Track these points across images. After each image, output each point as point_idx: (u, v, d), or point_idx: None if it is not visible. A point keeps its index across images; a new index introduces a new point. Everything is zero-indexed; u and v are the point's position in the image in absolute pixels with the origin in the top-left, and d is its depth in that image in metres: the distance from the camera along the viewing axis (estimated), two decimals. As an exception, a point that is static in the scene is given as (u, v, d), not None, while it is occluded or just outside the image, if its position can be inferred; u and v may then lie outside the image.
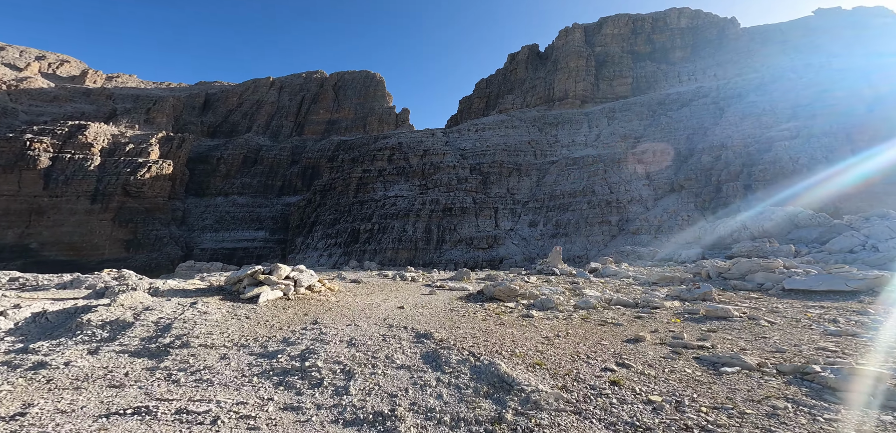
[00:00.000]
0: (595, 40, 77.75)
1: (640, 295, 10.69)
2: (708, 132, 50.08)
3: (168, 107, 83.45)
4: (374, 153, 61.69)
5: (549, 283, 13.36)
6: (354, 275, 19.49)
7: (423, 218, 49.97)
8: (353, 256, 49.48)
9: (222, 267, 28.10)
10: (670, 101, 59.83)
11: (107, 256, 73.22)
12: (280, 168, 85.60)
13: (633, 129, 56.90)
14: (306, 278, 9.93)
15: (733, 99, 54.57)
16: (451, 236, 47.87)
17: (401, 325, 7.28)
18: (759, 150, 43.97)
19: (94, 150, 79.41)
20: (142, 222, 76.15)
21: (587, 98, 68.14)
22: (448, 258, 45.33)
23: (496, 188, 54.04)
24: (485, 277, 17.31)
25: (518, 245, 46.37)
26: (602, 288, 12.77)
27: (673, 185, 46.09)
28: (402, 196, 54.87)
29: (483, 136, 63.43)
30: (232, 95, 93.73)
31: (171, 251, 74.51)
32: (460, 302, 10.05)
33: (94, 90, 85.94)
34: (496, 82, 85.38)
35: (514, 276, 16.61)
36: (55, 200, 74.14)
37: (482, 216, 49.77)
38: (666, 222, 41.80)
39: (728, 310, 7.92)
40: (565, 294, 11.08)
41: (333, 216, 57.23)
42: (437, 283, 14.11)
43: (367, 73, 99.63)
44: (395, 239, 48.30)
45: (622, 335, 6.77)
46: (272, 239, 79.11)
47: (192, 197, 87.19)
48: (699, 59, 70.25)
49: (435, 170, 56.27)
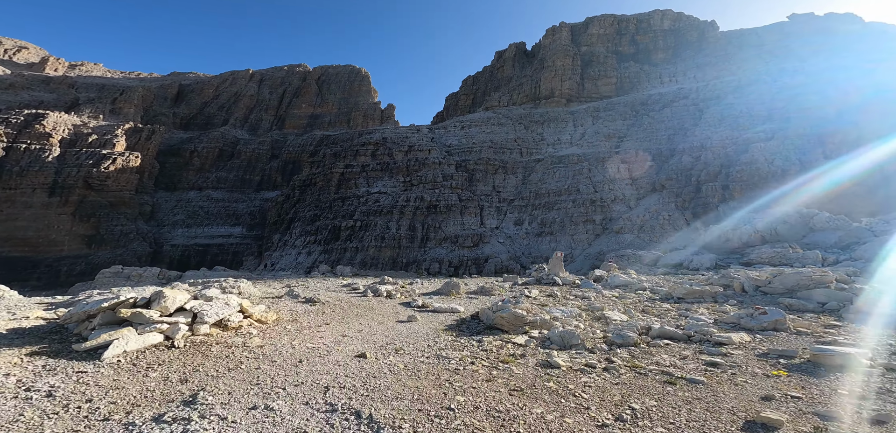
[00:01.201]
0: (581, 40, 78.03)
1: (678, 317, 8.96)
2: (688, 133, 50.88)
3: (137, 97, 78.40)
4: (357, 148, 59.82)
5: (556, 299, 11.85)
6: (316, 286, 16.44)
7: (408, 215, 48.69)
8: (333, 254, 47.70)
9: (177, 276, 21.83)
10: (652, 101, 60.59)
11: (66, 252, 68.36)
12: (259, 162, 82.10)
13: (616, 128, 57.28)
14: (216, 309, 6.93)
15: (712, 101, 55.68)
16: (435, 234, 46.84)
17: (351, 409, 4.38)
18: (737, 152, 44.91)
19: (53, 141, 73.86)
20: (105, 217, 71.39)
21: (573, 97, 68.29)
22: (432, 257, 44.30)
23: (482, 186, 53.32)
24: (477, 290, 15.13)
25: (504, 243, 45.84)
26: (623, 305, 11.08)
27: (655, 184, 46.57)
28: (385, 192, 53.36)
29: (469, 132, 62.54)
30: (208, 87, 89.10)
31: (137, 247, 70.23)
32: (450, 336, 7.79)
33: (54, 78, 79.78)
34: (483, 79, 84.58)
35: (510, 287, 15.52)
36: (8, 193, 68.51)
37: (467, 214, 48.95)
38: (648, 222, 42.12)
39: (847, 357, 5.60)
40: (583, 318, 9.23)
41: (313, 212, 55.12)
42: (418, 302, 11.73)
43: (352, 67, 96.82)
44: (377, 237, 46.85)
45: (718, 409, 4.56)
46: (249, 235, 75.82)
47: (163, 191, 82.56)
48: (680, 61, 71.55)
49: (420, 166, 55.01)
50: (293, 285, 17.01)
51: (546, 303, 11.16)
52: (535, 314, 8.80)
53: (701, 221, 40.43)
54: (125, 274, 22.85)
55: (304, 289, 15.23)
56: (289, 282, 19.35)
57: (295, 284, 17.60)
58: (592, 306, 10.85)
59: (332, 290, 14.90)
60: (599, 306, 10.79)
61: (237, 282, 13.46)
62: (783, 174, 40.27)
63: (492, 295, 13.77)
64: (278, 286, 16.53)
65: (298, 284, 17.56)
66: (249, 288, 12.64)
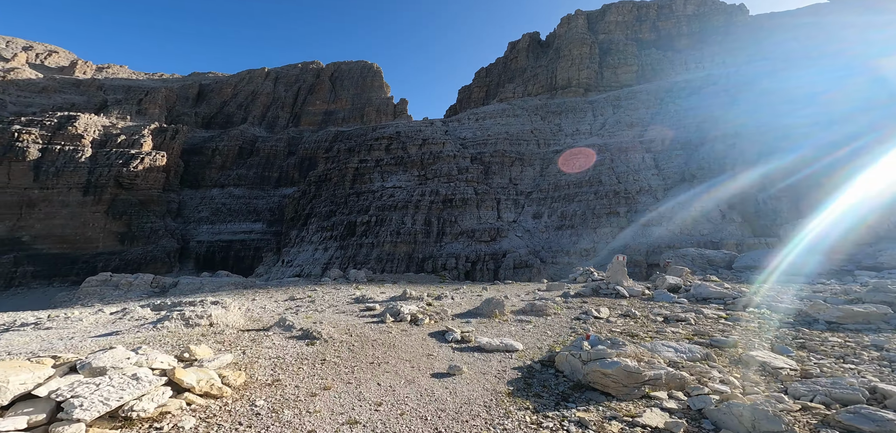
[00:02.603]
0: (598, 27, 73.20)
1: (881, 362, 5.78)
2: (719, 120, 46.14)
3: (160, 98, 78.55)
4: (371, 142, 57.51)
5: (641, 322, 8.74)
6: (323, 301, 13.19)
7: (423, 209, 46.09)
8: (349, 250, 45.67)
9: (173, 284, 18.72)
10: (678, 88, 55.75)
11: (101, 249, 69.25)
12: (276, 159, 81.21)
13: (639, 117, 52.87)
14: (108, 391, 4.03)
15: (745, 86, 50.53)
16: (451, 229, 44.09)
17: None
18: (776, 138, 40.14)
19: (85, 142, 74.82)
20: (136, 215, 71.97)
21: (591, 86, 63.93)
22: (449, 252, 41.60)
23: (498, 178, 50.13)
24: (526, 309, 11.31)
25: (522, 237, 42.69)
26: (764, 337, 7.59)
27: (684, 174, 42.31)
28: (400, 187, 50.89)
29: (484, 125, 59.28)
30: (226, 86, 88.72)
31: (166, 244, 70.54)
32: (524, 409, 4.80)
33: (84, 81, 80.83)
34: (496, 71, 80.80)
35: (564, 300, 11.69)
36: (46, 192, 69.78)
37: (484, 207, 45.95)
38: (678, 213, 38.14)
39: None
40: (717, 362, 6.15)
41: (329, 208, 53.26)
42: (455, 332, 8.28)
43: (364, 63, 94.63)
44: (393, 232, 44.48)
45: None
46: (269, 231, 75.15)
47: (188, 189, 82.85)
48: (706, 46, 65.94)
49: (434, 159, 52.24)
50: (296, 299, 14.48)
51: (637, 333, 8.02)
52: (648, 360, 5.65)
53: (738, 213, 36.20)
54: (113, 282, 19.50)
55: (306, 309, 12.12)
56: (294, 292, 16.96)
57: (299, 297, 15.06)
58: (710, 337, 7.52)
59: (342, 310, 11.80)
60: (722, 337, 7.43)
61: (214, 305, 10.47)
62: (832, 162, 35.50)
63: (546, 314, 10.76)
64: (279, 300, 14.10)
65: (303, 298, 14.93)
66: (228, 317, 9.59)
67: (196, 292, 17.10)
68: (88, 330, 9.47)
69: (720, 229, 35.56)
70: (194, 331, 8.42)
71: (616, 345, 6.02)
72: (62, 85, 78.39)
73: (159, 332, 8.37)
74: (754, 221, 35.81)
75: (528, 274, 36.90)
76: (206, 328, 8.73)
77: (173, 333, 8.24)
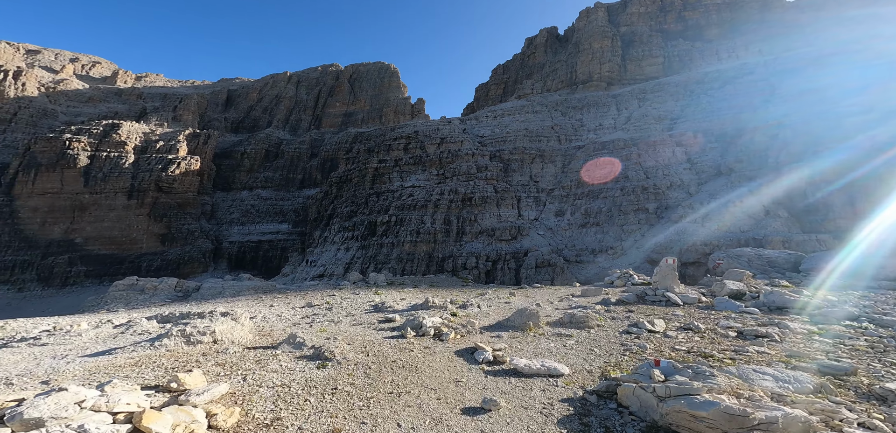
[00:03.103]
0: (620, 19, 69.92)
1: None
2: (759, 110, 42.57)
3: (193, 104, 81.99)
4: (390, 142, 57.29)
5: (709, 339, 7.23)
6: (339, 310, 12.29)
7: (442, 208, 45.26)
8: (369, 250, 45.52)
9: (196, 288, 18.70)
10: (710, 79, 52.12)
11: (144, 250, 72.79)
12: (300, 161, 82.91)
13: (668, 109, 49.77)
14: None
15: (786, 75, 46.47)
16: (471, 227, 42.99)
17: None
18: (826, 128, 36.44)
19: (128, 148, 79.07)
20: (175, 217, 75.30)
21: (613, 80, 61.02)
22: (469, 251, 40.53)
23: (518, 176, 48.55)
24: (564, 320, 9.81)
25: (544, 236, 40.99)
26: (886, 363, 5.94)
27: (720, 167, 39.22)
28: (419, 186, 50.29)
29: (502, 122, 57.77)
30: (252, 91, 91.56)
31: (202, 244, 73.38)
32: None
33: (125, 90, 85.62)
34: (513, 67, 78.90)
35: (604, 308, 10.18)
36: (95, 197, 74.15)
37: (504, 205, 44.55)
38: (715, 209, 35.30)
39: None
40: (840, 398, 4.71)
41: (350, 208, 53.45)
42: (486, 351, 7.13)
43: (382, 64, 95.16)
44: (412, 232, 43.90)
45: None
46: (295, 231, 76.76)
47: (220, 191, 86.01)
48: (739, 35, 61.46)
49: (453, 158, 51.30)
50: (314, 305, 13.70)
51: (710, 354, 6.42)
52: (749, 395, 4.30)
53: (784, 208, 33.02)
54: (139, 286, 19.44)
55: (322, 319, 11.09)
56: (312, 297, 16.34)
57: (317, 303, 14.28)
58: (813, 359, 5.89)
59: (359, 320, 10.77)
60: (832, 362, 5.85)
61: (224, 317, 9.53)
62: (893, 157, 31.70)
63: (588, 326, 9.33)
64: (296, 306, 13.42)
65: (320, 304, 14.18)
66: (235, 332, 8.45)
67: (216, 297, 16.87)
68: (85, 346, 8.72)
69: (763, 226, 32.57)
70: (195, 349, 7.56)
71: (701, 376, 4.60)
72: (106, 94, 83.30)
73: (156, 352, 7.52)
74: (803, 218, 32.56)
75: (550, 273, 35.24)
76: (209, 346, 7.78)
77: (171, 353, 7.37)
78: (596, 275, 34.18)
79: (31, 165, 71.29)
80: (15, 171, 68.24)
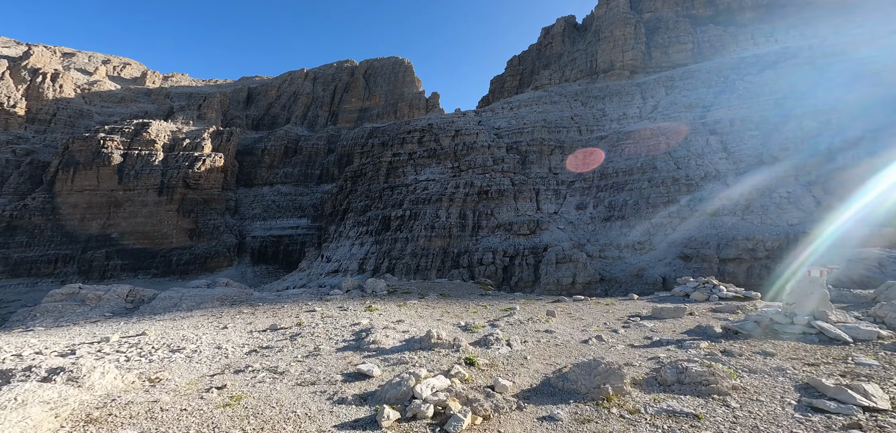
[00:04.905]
0: (643, 6, 65.08)
1: None
2: (806, 95, 37.84)
3: (216, 103, 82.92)
4: (404, 136, 55.35)
5: None
6: (287, 357, 7.93)
7: (457, 202, 42.96)
8: (384, 245, 43.86)
9: (152, 297, 16.23)
10: (746, 64, 47.25)
11: (174, 244, 74.10)
12: (317, 157, 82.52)
13: (699, 97, 45.41)
14: None
15: (835, 58, 41.29)
16: (487, 221, 40.50)
17: None
18: (889, 112, 31.69)
19: (158, 146, 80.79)
20: (201, 212, 76.35)
21: (637, 68, 56.69)
22: (485, 246, 38.09)
23: (536, 168, 45.55)
24: (669, 379, 5.77)
25: (564, 230, 38.01)
26: None
27: (762, 157, 35.00)
28: (433, 180, 48.15)
29: (518, 113, 54.70)
30: (271, 89, 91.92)
31: (227, 239, 74.10)
32: None
33: (153, 90, 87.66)
34: (530, 58, 75.27)
35: (720, 352, 6.81)
36: (128, 194, 76.00)
37: (521, 199, 41.77)
38: (757, 200, 31.37)
39: None
40: None
41: (364, 203, 51.96)
42: None
43: (396, 59, 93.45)
44: (427, 226, 41.86)
45: None
46: (313, 226, 76.45)
47: (242, 187, 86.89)
48: (777, 18, 55.75)
49: (468, 151, 48.82)
50: (278, 329, 10.35)
51: None
52: None
53: (838, 199, 28.79)
54: (80, 296, 15.42)
55: (262, 369, 7.31)
56: (283, 315, 12.65)
57: (283, 327, 10.74)
58: None
59: (318, 370, 7.11)
60: None
61: (51, 380, 4.76)
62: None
63: (719, 391, 5.37)
64: (257, 328, 10.38)
65: (288, 327, 10.73)
66: (105, 381, 5.60)
67: (168, 311, 13.55)
68: None
69: (813, 217, 28.53)
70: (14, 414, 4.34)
71: None
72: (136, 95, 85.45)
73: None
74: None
75: (572, 269, 32.36)
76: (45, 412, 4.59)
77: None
78: (622, 272, 31.06)
79: (69, 164, 73.73)
80: (55, 169, 70.73)
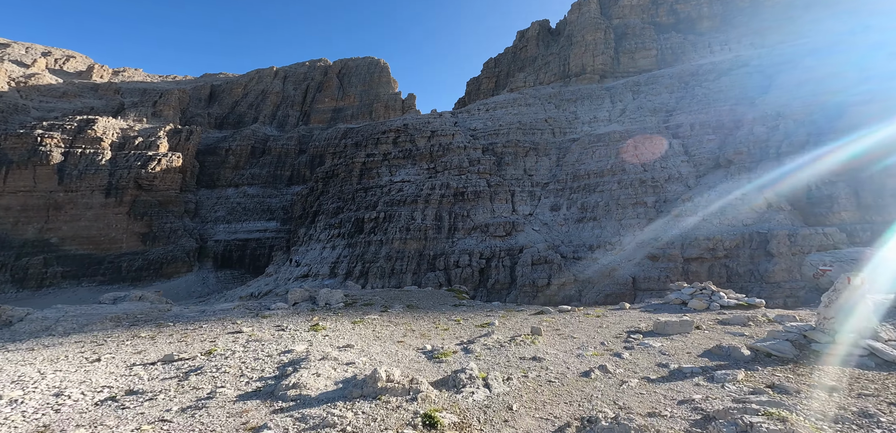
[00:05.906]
0: (612, 12, 67.31)
1: None
2: (756, 102, 40.37)
3: (174, 99, 76.66)
4: (378, 136, 53.65)
5: None
6: (185, 395, 5.33)
7: (433, 204, 42.03)
8: (357, 248, 42.07)
9: (25, 315, 11.47)
10: (704, 71, 49.87)
11: (125, 250, 67.84)
12: (288, 158, 78.52)
13: (663, 102, 47.36)
14: None
15: (783, 66, 44.43)
16: (463, 223, 39.89)
17: None
18: (828, 118, 34.35)
19: (105, 145, 73.46)
20: (156, 215, 70.29)
21: (607, 72, 58.43)
22: (462, 248, 37.45)
23: (512, 169, 45.58)
24: None
25: (539, 231, 38.17)
26: None
27: (719, 160, 36.89)
28: (408, 181, 46.91)
29: (495, 115, 54.65)
30: (237, 86, 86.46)
31: (185, 243, 68.66)
32: None
33: (101, 85, 79.67)
34: (505, 61, 75.79)
35: (704, 353, 6.06)
36: (70, 195, 68.62)
37: (498, 200, 41.56)
38: (715, 202, 32.95)
39: None
40: None
41: (337, 205, 49.76)
42: None
43: (372, 59, 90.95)
44: (402, 228, 40.59)
45: None
46: (283, 229, 72.58)
47: (204, 189, 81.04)
48: (732, 28, 59.46)
49: (444, 151, 48.01)
50: (174, 362, 7.28)
51: None
52: None
53: (787, 200, 30.73)
54: None
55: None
56: (195, 338, 9.24)
57: (186, 356, 7.78)
58: None
59: None
60: None
61: None
62: (899, 139, 29.64)
63: None
64: (147, 361, 7.31)
65: (190, 360, 7.61)
66: None
67: (34, 337, 9.46)
68: None
69: (766, 219, 30.31)
70: None
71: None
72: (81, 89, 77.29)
73: None
74: (806, 211, 30.39)
75: (548, 271, 32.45)
76: None
77: None
78: (596, 273, 31.52)
79: (1, 162, 65.46)
80: (-19, 168, 62.37)
